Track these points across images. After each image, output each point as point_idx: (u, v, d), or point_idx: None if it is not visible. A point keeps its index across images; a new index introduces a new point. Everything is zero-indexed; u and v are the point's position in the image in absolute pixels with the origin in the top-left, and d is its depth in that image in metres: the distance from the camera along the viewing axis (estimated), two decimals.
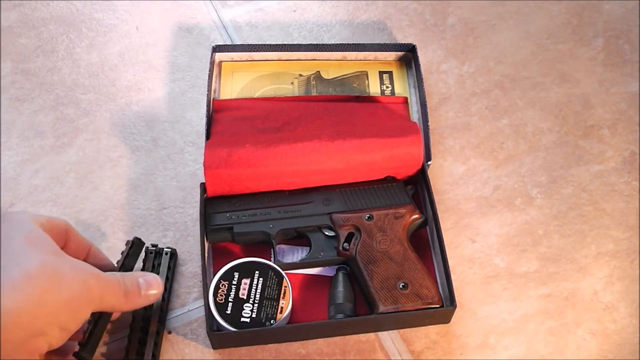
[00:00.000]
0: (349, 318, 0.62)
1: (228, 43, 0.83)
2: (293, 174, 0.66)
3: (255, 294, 0.61)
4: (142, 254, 0.65)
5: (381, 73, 0.77)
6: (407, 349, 0.63)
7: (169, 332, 0.64)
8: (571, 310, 0.65)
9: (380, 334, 0.64)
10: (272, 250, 0.65)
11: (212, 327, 0.60)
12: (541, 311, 0.65)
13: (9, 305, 0.47)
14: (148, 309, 0.63)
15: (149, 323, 0.62)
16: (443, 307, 0.61)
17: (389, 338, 0.64)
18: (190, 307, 0.65)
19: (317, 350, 0.63)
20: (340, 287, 0.63)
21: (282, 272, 0.62)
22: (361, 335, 0.64)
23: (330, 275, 0.65)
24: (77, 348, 0.56)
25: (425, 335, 0.64)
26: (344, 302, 0.62)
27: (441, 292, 0.63)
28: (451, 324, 0.64)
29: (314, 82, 0.77)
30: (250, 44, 0.77)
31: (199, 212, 0.67)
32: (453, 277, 0.65)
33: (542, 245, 0.69)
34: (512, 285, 0.66)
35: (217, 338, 0.61)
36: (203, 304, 0.63)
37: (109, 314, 0.58)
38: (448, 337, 0.64)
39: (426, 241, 0.68)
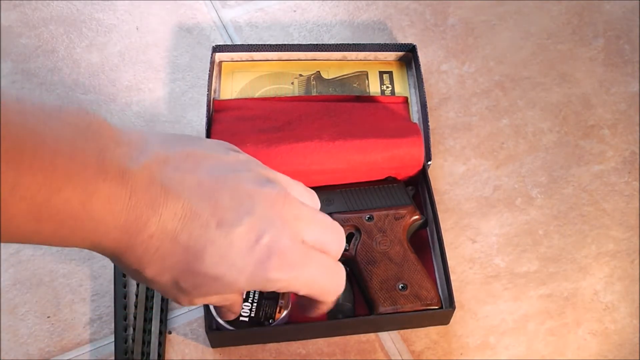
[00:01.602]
0: (349, 318, 0.62)
1: (228, 43, 0.83)
2: (294, 173, 0.66)
3: (254, 294, 0.61)
4: None
5: (381, 73, 0.77)
6: (408, 349, 0.63)
7: (169, 332, 0.64)
8: (571, 310, 0.65)
9: (380, 334, 0.64)
10: None
11: (211, 326, 0.60)
12: (541, 311, 0.65)
13: None
14: (149, 309, 0.63)
15: (151, 323, 0.62)
16: (442, 309, 0.61)
17: (389, 338, 0.64)
18: (190, 307, 0.65)
19: (317, 350, 0.63)
20: None
21: None
22: (361, 335, 0.64)
23: None
24: None
25: (425, 335, 0.64)
26: (343, 302, 0.62)
27: (440, 294, 0.63)
28: (451, 324, 0.64)
29: (314, 82, 0.77)
30: (251, 44, 0.77)
31: None
32: (453, 277, 0.65)
33: (543, 245, 0.69)
34: (512, 285, 0.66)
35: (216, 337, 0.61)
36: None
37: None
38: (448, 337, 0.64)
39: (426, 242, 0.68)
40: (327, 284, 0.49)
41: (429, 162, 0.70)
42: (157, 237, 0.42)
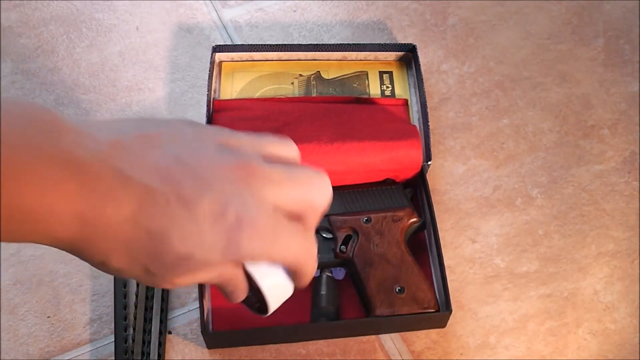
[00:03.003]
0: (348, 320, 0.62)
1: (228, 43, 0.83)
2: None
3: None
4: None
5: (381, 73, 0.77)
6: (408, 349, 0.63)
7: (169, 332, 0.64)
8: (571, 310, 0.65)
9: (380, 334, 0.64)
10: None
11: (206, 327, 0.60)
12: (541, 311, 0.65)
13: None
14: (149, 309, 0.63)
15: (151, 323, 0.62)
16: (439, 312, 0.61)
17: (389, 338, 0.64)
18: (190, 307, 0.65)
19: (317, 350, 0.63)
20: (324, 290, 0.62)
21: None
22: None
23: (337, 278, 0.65)
24: None
25: (425, 335, 0.64)
26: (326, 305, 0.62)
27: (437, 297, 0.63)
28: (451, 324, 0.64)
29: (314, 82, 0.77)
30: (251, 44, 0.77)
31: None
32: (453, 277, 0.65)
33: (543, 245, 0.69)
34: (512, 285, 0.66)
35: (211, 338, 0.61)
36: None
37: None
38: (448, 337, 0.64)
39: (424, 245, 0.68)
40: (302, 255, 0.46)
41: (429, 162, 0.70)
42: (116, 224, 0.40)
